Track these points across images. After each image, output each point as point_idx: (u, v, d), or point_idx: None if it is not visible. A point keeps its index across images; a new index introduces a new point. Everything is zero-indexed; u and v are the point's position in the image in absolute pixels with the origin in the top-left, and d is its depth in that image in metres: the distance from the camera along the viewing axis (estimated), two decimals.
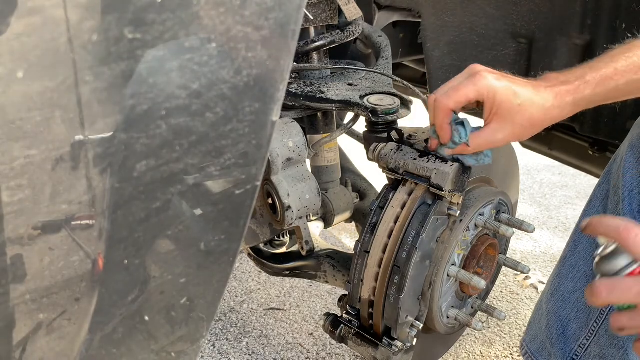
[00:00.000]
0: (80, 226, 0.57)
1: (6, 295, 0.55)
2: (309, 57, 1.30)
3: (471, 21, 1.59)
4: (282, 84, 0.62)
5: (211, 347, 1.80)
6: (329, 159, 1.35)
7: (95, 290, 0.61)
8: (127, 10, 0.52)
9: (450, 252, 1.08)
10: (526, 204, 2.77)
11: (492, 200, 1.15)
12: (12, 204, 0.52)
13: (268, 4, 0.58)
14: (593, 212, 1.18)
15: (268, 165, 1.11)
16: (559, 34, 1.46)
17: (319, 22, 1.26)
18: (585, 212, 1.19)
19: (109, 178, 0.56)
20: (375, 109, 1.15)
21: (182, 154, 0.59)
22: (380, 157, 1.09)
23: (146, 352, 0.70)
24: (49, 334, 0.60)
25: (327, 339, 1.82)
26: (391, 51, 1.42)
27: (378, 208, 1.08)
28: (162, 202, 0.60)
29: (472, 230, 1.12)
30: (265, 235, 1.27)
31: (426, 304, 1.08)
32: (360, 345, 1.11)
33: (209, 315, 0.72)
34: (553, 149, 1.79)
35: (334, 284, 1.34)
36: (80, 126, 0.53)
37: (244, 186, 0.65)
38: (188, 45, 0.56)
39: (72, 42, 0.50)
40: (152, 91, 0.55)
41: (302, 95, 1.22)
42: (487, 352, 1.80)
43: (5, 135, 0.49)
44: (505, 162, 1.33)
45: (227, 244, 0.68)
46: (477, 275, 1.11)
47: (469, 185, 1.08)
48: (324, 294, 2.06)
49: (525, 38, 1.54)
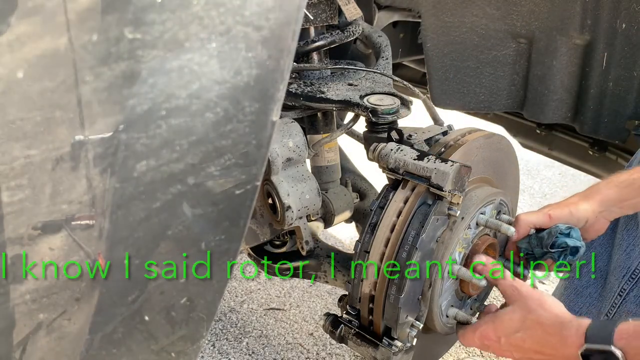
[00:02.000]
0: (80, 226, 0.57)
1: (6, 295, 0.55)
2: (309, 57, 1.30)
3: (471, 21, 1.59)
4: (282, 84, 0.62)
5: (211, 347, 1.80)
6: (329, 159, 1.35)
7: (95, 290, 0.61)
8: (127, 10, 0.52)
9: (450, 251, 1.08)
10: (526, 204, 2.76)
11: (493, 200, 1.15)
12: (12, 204, 0.52)
13: (268, 4, 0.58)
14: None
15: (268, 165, 1.11)
16: (559, 34, 1.46)
17: (319, 22, 1.26)
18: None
19: (109, 178, 0.56)
20: (375, 109, 1.15)
21: (182, 154, 0.59)
22: (380, 157, 1.09)
23: (146, 352, 0.70)
24: (49, 334, 0.60)
25: (327, 339, 1.82)
26: (391, 51, 1.42)
27: (378, 208, 1.08)
28: (162, 202, 0.60)
29: (473, 228, 1.12)
30: (265, 235, 1.27)
31: (426, 304, 1.08)
32: (360, 345, 1.10)
33: (209, 315, 0.72)
34: (553, 149, 1.79)
35: (334, 284, 1.34)
36: (80, 126, 0.53)
37: (244, 186, 0.65)
38: (188, 45, 0.56)
39: (72, 42, 0.50)
40: (152, 91, 0.55)
41: (302, 95, 1.22)
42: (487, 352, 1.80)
43: (5, 135, 0.49)
44: (505, 163, 1.33)
45: (227, 244, 0.68)
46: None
47: (470, 184, 1.09)
48: (324, 294, 2.06)
49: (525, 38, 1.54)
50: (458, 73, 1.68)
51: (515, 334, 0.94)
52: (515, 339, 0.94)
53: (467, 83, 1.69)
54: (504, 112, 1.93)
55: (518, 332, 0.94)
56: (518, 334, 0.94)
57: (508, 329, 0.96)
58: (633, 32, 1.33)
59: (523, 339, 0.93)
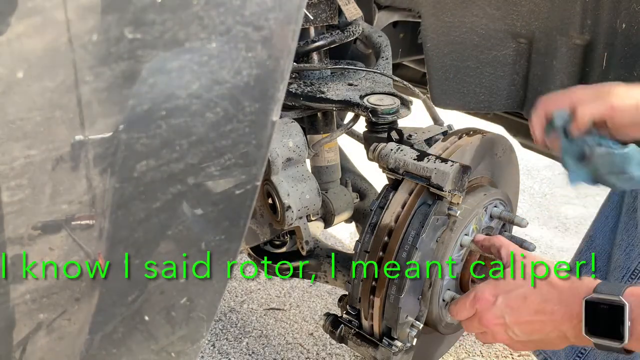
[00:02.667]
0: (80, 226, 0.57)
1: (6, 295, 0.55)
2: (309, 57, 1.30)
3: (471, 21, 1.59)
4: (282, 84, 0.62)
5: (211, 347, 1.80)
6: (329, 159, 1.35)
7: (95, 290, 0.61)
8: (127, 10, 0.52)
9: (450, 252, 1.08)
10: (526, 204, 2.77)
11: (500, 198, 1.17)
12: (12, 204, 0.52)
13: (268, 4, 0.58)
14: (612, 206, 1.21)
15: (268, 165, 1.11)
16: (559, 34, 1.46)
17: (319, 22, 1.26)
18: (605, 204, 1.22)
19: (109, 178, 0.56)
20: (375, 109, 1.15)
21: (182, 154, 0.59)
22: (380, 157, 1.09)
23: (146, 352, 0.70)
24: (49, 334, 0.60)
25: (327, 339, 1.82)
26: (391, 51, 1.42)
27: (378, 208, 1.08)
28: (162, 202, 0.60)
29: (487, 217, 1.14)
30: (265, 235, 1.27)
31: (426, 304, 1.08)
32: (360, 345, 1.11)
33: (209, 315, 0.72)
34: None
35: (334, 284, 1.34)
36: (80, 126, 0.53)
37: (244, 186, 0.65)
38: (188, 45, 0.56)
39: (72, 42, 0.50)
40: (152, 91, 0.55)
41: (302, 95, 1.22)
42: (487, 352, 1.80)
43: (5, 135, 0.49)
44: (505, 164, 1.33)
45: (227, 244, 0.68)
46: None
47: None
48: (324, 294, 2.06)
49: (525, 38, 1.54)
50: (458, 73, 1.67)
51: (516, 290, 0.88)
52: (515, 295, 0.87)
53: (467, 83, 1.69)
54: (504, 112, 1.93)
55: (521, 288, 0.88)
56: (520, 289, 0.87)
57: (509, 285, 0.89)
58: (633, 32, 1.33)
59: (525, 295, 0.86)
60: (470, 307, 0.93)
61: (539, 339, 0.87)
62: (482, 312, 0.91)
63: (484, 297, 0.91)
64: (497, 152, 1.23)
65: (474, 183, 1.17)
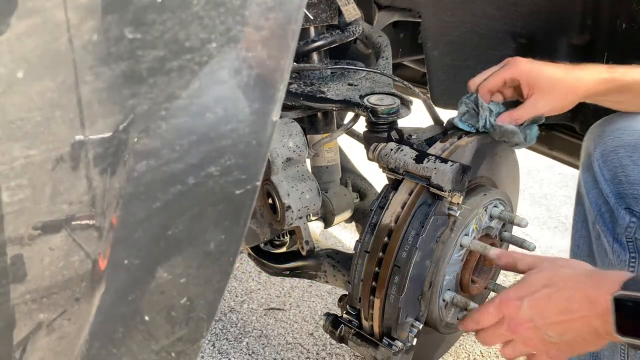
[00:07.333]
0: (80, 226, 0.57)
1: (6, 295, 0.55)
2: (309, 57, 1.30)
3: (471, 21, 1.59)
4: (282, 84, 0.62)
5: (211, 347, 1.80)
6: (329, 159, 1.35)
7: (95, 290, 0.61)
8: (127, 10, 0.52)
9: (450, 250, 1.08)
10: (526, 204, 2.77)
11: (500, 198, 1.17)
12: (12, 204, 0.52)
13: (268, 4, 0.58)
14: (579, 235, 1.22)
15: (268, 165, 1.11)
16: (559, 34, 1.46)
17: (319, 22, 1.26)
18: (573, 235, 1.23)
19: (109, 178, 0.56)
20: (375, 109, 1.15)
21: (182, 154, 0.59)
22: (380, 157, 1.09)
23: (146, 352, 0.70)
24: (49, 334, 0.60)
25: (327, 339, 1.82)
26: (391, 51, 1.42)
27: (378, 208, 1.08)
28: (162, 202, 0.60)
29: (487, 217, 1.13)
30: (265, 235, 1.27)
31: (426, 304, 1.08)
32: (360, 345, 1.10)
33: (209, 315, 0.72)
34: (553, 149, 1.79)
35: (334, 284, 1.34)
36: (80, 126, 0.53)
37: (244, 186, 0.65)
38: (188, 45, 0.56)
39: (72, 42, 0.50)
40: (152, 91, 0.55)
41: (302, 95, 1.22)
42: (487, 352, 1.80)
43: (5, 135, 0.49)
44: (505, 164, 1.33)
45: (227, 244, 0.68)
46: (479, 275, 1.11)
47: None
48: (324, 294, 2.05)
49: (525, 38, 1.54)
50: (458, 73, 1.67)
51: (542, 290, 0.83)
52: (541, 295, 0.83)
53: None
54: None
55: (546, 287, 0.84)
56: (545, 289, 0.83)
57: (534, 285, 0.85)
58: (633, 32, 1.33)
59: (549, 294, 0.82)
60: (496, 312, 0.88)
61: (571, 339, 0.82)
62: (510, 316, 0.86)
63: (510, 301, 0.86)
64: (497, 152, 1.23)
65: (474, 183, 1.17)
